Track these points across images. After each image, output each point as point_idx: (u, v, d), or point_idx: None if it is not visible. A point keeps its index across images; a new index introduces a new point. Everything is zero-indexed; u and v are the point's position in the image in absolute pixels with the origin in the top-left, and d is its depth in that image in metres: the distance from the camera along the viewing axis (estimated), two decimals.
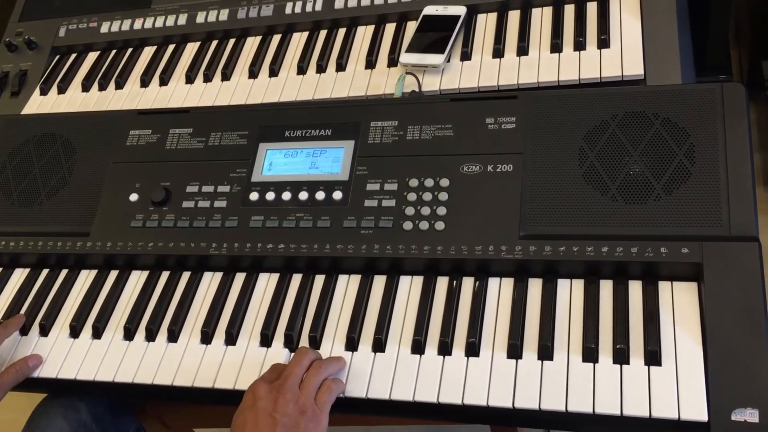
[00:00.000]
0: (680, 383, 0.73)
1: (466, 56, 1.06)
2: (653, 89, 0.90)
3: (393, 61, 1.10)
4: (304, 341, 0.86)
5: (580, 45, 1.01)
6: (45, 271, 1.03)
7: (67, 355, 0.92)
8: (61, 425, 0.89)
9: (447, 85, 1.04)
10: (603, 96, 0.90)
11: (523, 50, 1.03)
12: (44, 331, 0.95)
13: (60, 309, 0.98)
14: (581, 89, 0.96)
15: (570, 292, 0.83)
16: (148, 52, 1.28)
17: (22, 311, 0.98)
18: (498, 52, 1.05)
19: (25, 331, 0.96)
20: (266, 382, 0.76)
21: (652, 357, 0.75)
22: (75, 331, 0.94)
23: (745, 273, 0.76)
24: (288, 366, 0.78)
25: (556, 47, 1.02)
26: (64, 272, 1.02)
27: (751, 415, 0.70)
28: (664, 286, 0.80)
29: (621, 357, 0.76)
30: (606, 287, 0.82)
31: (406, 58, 1.06)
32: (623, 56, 0.98)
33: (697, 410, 0.71)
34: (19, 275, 1.04)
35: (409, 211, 0.89)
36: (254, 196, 0.96)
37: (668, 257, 0.79)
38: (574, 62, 1.00)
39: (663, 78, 0.96)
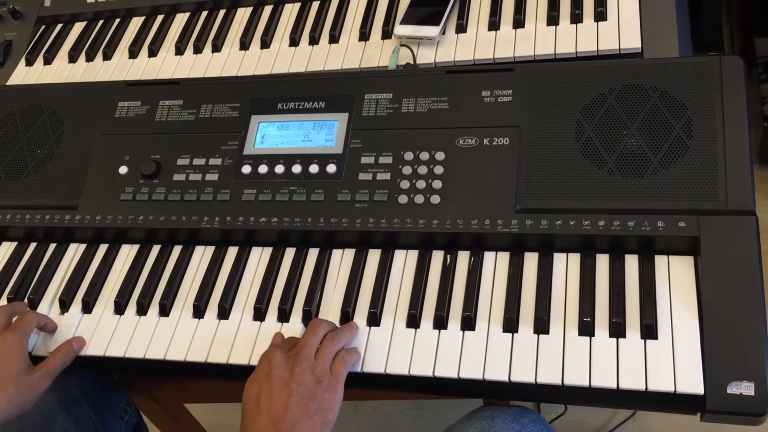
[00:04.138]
0: (676, 357, 0.73)
1: (461, 28, 1.05)
2: (651, 62, 0.89)
3: (387, 33, 1.08)
4: (297, 315, 0.85)
5: (576, 18, 1.00)
6: (33, 245, 1.01)
7: (57, 329, 0.91)
8: (50, 398, 0.88)
9: (442, 57, 1.03)
10: (600, 69, 0.89)
11: (519, 23, 1.02)
12: (33, 305, 0.94)
13: (48, 283, 0.96)
14: (578, 62, 0.95)
15: (566, 266, 0.82)
16: (137, 22, 1.25)
17: (10, 285, 0.97)
18: (494, 25, 1.03)
19: None
20: (282, 350, 0.75)
21: (648, 330, 0.75)
22: (65, 305, 0.93)
23: (741, 247, 0.76)
24: (303, 336, 0.77)
25: (553, 20, 1.00)
26: (52, 246, 1.00)
27: (746, 388, 0.70)
28: (660, 260, 0.80)
29: (617, 330, 0.76)
30: (602, 261, 0.82)
31: (400, 30, 1.05)
32: (620, 29, 0.97)
33: (693, 383, 0.71)
34: (6, 249, 1.02)
35: (404, 184, 0.88)
36: (246, 169, 0.95)
37: (665, 231, 0.79)
38: (570, 35, 0.99)
39: (660, 52, 0.95)
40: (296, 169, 0.93)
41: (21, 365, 0.81)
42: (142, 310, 0.90)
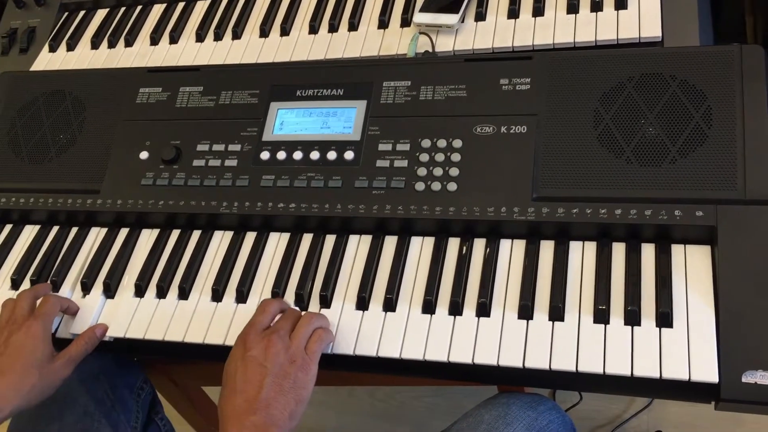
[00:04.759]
0: (691, 345, 0.73)
1: (480, 16, 1.04)
2: (671, 50, 0.88)
3: (406, 21, 1.08)
4: (315, 300, 0.86)
5: (596, 6, 0.99)
6: (55, 228, 1.03)
7: (79, 311, 0.92)
8: (71, 375, 0.89)
9: (461, 45, 1.03)
10: (619, 57, 0.88)
11: (538, 11, 1.02)
12: (55, 287, 0.96)
13: (71, 266, 0.98)
14: (597, 50, 0.94)
15: (582, 255, 0.82)
16: (158, 9, 1.26)
17: (33, 267, 0.99)
18: (513, 13, 1.03)
19: None
20: (256, 330, 0.77)
21: (664, 319, 0.75)
22: (86, 288, 0.94)
23: (759, 236, 0.76)
24: (279, 318, 0.78)
25: (573, 8, 1.00)
26: (74, 229, 1.02)
27: (761, 377, 0.70)
28: (677, 249, 0.80)
29: (632, 318, 0.76)
30: (618, 250, 0.82)
31: (420, 17, 1.05)
32: (641, 18, 0.96)
33: (707, 371, 0.71)
34: (29, 232, 1.04)
35: (421, 171, 0.89)
36: (265, 155, 0.96)
37: (682, 220, 0.78)
38: (590, 23, 0.98)
39: (681, 41, 0.94)
40: (314, 155, 0.94)
41: (45, 353, 0.82)
42: (161, 293, 0.92)
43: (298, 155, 0.94)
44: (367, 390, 1.52)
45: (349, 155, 0.92)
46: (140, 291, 0.92)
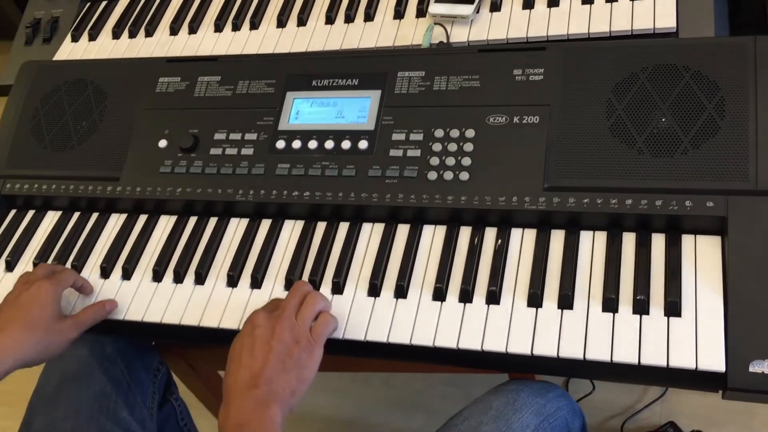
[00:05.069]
0: (699, 334, 0.73)
1: (495, 7, 1.05)
2: (685, 42, 0.88)
3: (422, 12, 1.09)
4: (327, 286, 0.88)
5: None
6: (76, 214, 1.05)
7: (97, 295, 0.95)
8: (86, 355, 0.92)
9: (475, 36, 1.03)
10: (633, 48, 0.89)
11: (554, 1, 1.02)
12: (76, 270, 0.98)
13: (91, 251, 1.00)
14: (611, 41, 0.95)
15: (592, 244, 0.83)
16: (178, 0, 1.28)
17: (54, 252, 1.01)
18: (528, 3, 1.03)
19: None
20: (265, 312, 0.79)
21: (672, 308, 0.75)
22: (105, 272, 0.97)
23: None
24: (286, 299, 0.81)
25: None
26: (94, 215, 1.04)
27: None
28: (687, 239, 0.80)
29: (641, 307, 0.76)
30: (629, 240, 0.82)
31: (435, 8, 1.06)
32: (656, 9, 0.96)
33: (714, 361, 0.71)
34: (51, 217, 1.07)
35: (434, 161, 0.90)
36: (281, 144, 0.97)
37: (693, 210, 0.79)
38: (605, 14, 0.99)
39: (696, 32, 0.94)
40: (329, 144, 0.95)
41: (53, 311, 0.85)
42: (178, 278, 0.94)
43: (312, 144, 0.96)
44: (382, 378, 1.53)
45: (363, 144, 0.94)
46: (158, 276, 0.95)
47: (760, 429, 1.28)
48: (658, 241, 0.81)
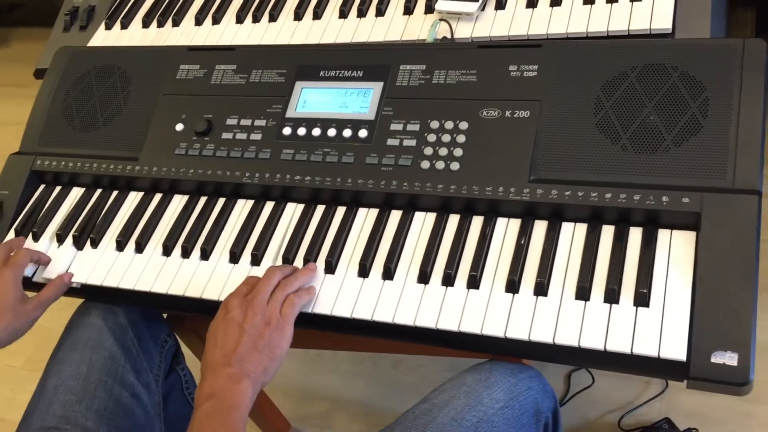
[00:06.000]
0: (665, 324, 0.76)
1: (500, 5, 1.08)
2: (674, 42, 0.91)
3: (430, 8, 1.13)
4: (320, 266, 0.93)
5: None
6: (99, 191, 1.13)
7: (112, 266, 1.02)
8: (99, 324, 0.99)
9: (479, 33, 1.07)
10: (624, 47, 0.91)
11: (556, 1, 1.05)
12: (94, 243, 1.05)
13: (109, 225, 1.07)
14: (604, 40, 0.97)
15: (572, 235, 0.86)
16: None
17: (77, 224, 1.08)
18: (532, 2, 1.07)
19: (79, 244, 1.06)
20: (238, 296, 0.86)
21: (641, 298, 0.78)
22: (120, 246, 1.04)
23: (741, 224, 0.78)
24: (259, 283, 0.87)
25: None
26: (115, 193, 1.11)
27: (730, 358, 0.73)
28: (663, 234, 0.83)
29: (611, 297, 0.80)
30: (608, 232, 0.85)
31: (441, 4, 1.10)
32: (654, 10, 0.98)
33: (676, 349, 0.74)
34: (76, 193, 1.14)
35: (428, 151, 0.94)
36: (287, 130, 1.02)
37: (668, 206, 0.81)
38: (605, 14, 1.01)
39: (691, 33, 0.96)
40: (331, 132, 1.00)
41: (15, 296, 0.94)
42: (186, 253, 1.00)
43: (316, 132, 1.01)
44: (391, 362, 1.58)
45: (362, 133, 0.98)
46: (167, 251, 1.01)
47: (758, 429, 1.29)
48: (635, 235, 0.84)
